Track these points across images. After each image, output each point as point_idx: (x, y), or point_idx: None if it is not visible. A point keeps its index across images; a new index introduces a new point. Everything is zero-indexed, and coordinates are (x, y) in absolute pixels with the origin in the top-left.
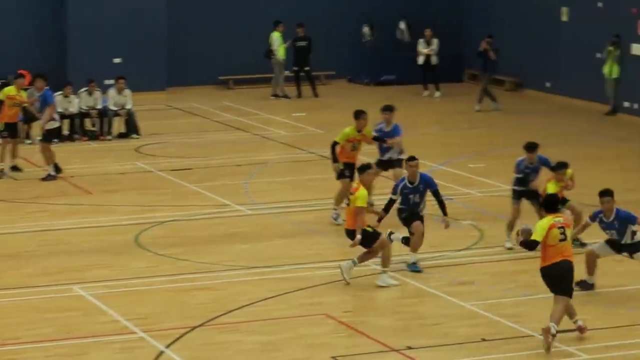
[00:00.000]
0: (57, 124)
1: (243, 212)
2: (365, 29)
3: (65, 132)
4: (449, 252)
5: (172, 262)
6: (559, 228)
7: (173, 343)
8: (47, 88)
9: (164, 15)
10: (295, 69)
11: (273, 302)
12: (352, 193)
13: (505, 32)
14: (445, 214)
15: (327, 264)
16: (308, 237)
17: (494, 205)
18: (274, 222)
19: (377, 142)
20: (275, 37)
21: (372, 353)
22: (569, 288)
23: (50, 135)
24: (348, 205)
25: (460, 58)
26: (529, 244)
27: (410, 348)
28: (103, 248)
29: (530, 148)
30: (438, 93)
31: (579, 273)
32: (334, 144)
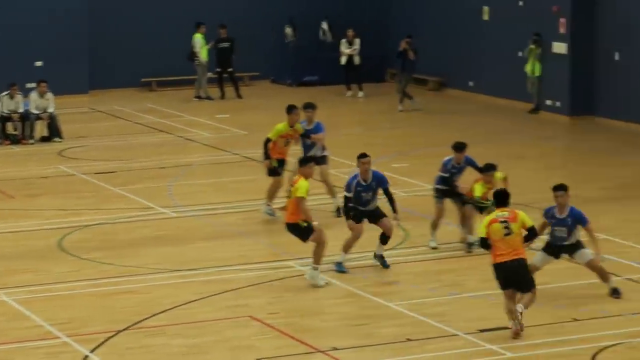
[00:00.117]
0: None
1: (167, 214)
2: (288, 30)
3: None
4: (374, 252)
5: (96, 265)
6: (502, 222)
7: (98, 347)
8: None
9: (86, 18)
10: (218, 71)
11: (198, 304)
12: (292, 185)
13: (428, 31)
14: (396, 212)
15: (251, 266)
16: (232, 239)
17: (418, 205)
18: (198, 224)
19: (302, 138)
20: (198, 38)
21: (297, 355)
22: (529, 283)
23: None
24: (289, 198)
25: (383, 58)
26: (480, 243)
27: (336, 349)
28: (26, 253)
29: (459, 148)
30: (361, 93)
31: None
32: (267, 141)
